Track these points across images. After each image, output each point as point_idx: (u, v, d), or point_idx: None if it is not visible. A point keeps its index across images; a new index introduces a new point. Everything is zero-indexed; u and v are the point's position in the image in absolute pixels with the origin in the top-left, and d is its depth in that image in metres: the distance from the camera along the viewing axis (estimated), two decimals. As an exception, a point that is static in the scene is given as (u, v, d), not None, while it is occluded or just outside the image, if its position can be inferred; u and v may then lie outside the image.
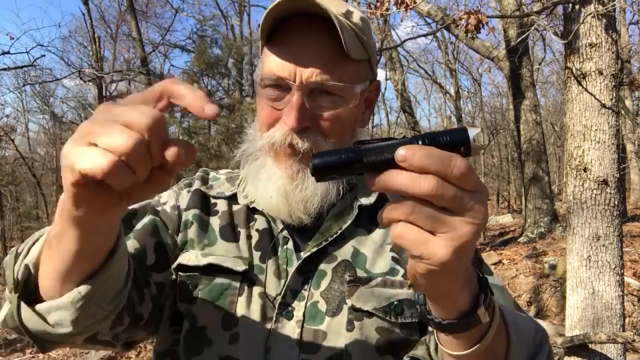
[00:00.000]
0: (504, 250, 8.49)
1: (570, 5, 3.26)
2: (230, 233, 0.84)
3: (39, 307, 0.60)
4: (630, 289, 5.47)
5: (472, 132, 0.47)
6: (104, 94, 13.16)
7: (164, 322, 0.83)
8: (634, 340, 3.15)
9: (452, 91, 19.55)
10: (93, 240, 0.54)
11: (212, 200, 0.88)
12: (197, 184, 0.90)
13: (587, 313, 3.14)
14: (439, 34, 16.17)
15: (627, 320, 4.98)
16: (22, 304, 0.60)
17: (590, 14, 3.06)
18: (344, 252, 0.81)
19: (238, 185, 0.88)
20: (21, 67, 10.71)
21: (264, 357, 0.75)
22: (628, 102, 12.35)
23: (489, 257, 7.69)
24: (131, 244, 0.79)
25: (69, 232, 0.52)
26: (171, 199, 0.88)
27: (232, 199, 0.88)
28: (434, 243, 0.44)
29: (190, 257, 0.81)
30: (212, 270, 0.80)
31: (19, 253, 0.65)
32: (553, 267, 6.59)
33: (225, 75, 13.85)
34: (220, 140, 11.65)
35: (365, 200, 0.84)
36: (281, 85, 0.75)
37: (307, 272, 0.80)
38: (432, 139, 0.46)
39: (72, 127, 19.33)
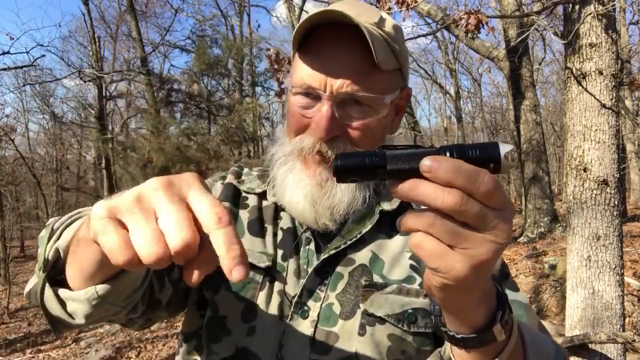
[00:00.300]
0: (504, 250, 8.48)
1: (570, 5, 3.26)
2: (257, 228, 0.86)
3: (61, 292, 0.62)
4: (630, 289, 5.47)
5: (504, 149, 0.45)
6: (104, 94, 13.15)
7: (191, 305, 0.86)
8: (634, 340, 3.15)
9: (452, 91, 19.57)
10: None
11: (243, 194, 0.90)
12: (230, 178, 0.92)
13: (587, 313, 3.14)
14: (439, 34, 16.18)
15: (627, 320, 4.98)
16: (47, 286, 0.62)
17: (590, 14, 3.06)
18: (362, 256, 0.81)
19: (268, 184, 0.90)
20: (21, 67, 10.70)
21: (277, 353, 0.76)
22: (628, 102, 12.34)
23: (489, 257, 7.68)
24: None
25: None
26: None
27: (262, 195, 0.90)
28: (452, 257, 0.44)
29: None
30: None
31: (54, 230, 0.67)
32: (553, 267, 6.59)
33: (225, 76, 13.86)
34: (219, 140, 11.66)
35: (387, 206, 0.83)
36: (311, 94, 0.76)
37: (325, 273, 0.80)
38: (460, 151, 0.45)
39: (72, 127, 19.31)
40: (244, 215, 0.87)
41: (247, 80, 14.31)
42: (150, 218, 0.42)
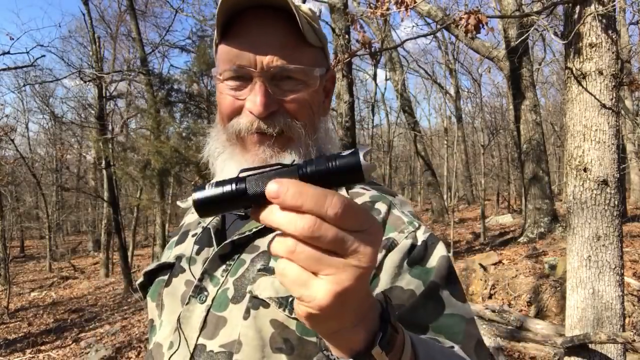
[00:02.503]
0: (504, 250, 8.49)
1: (570, 5, 3.27)
2: (182, 239, 0.92)
3: None
4: (630, 289, 5.47)
5: (362, 151, 0.41)
6: (104, 94, 13.15)
7: None
8: (634, 340, 3.15)
9: (452, 91, 19.56)
10: None
11: (187, 231, 0.96)
12: (182, 223, 1.01)
13: (587, 313, 3.14)
14: (439, 34, 16.18)
15: (627, 320, 4.98)
16: None
17: (590, 14, 3.06)
18: (267, 243, 0.79)
19: None
20: (21, 67, 10.72)
21: (171, 339, 0.77)
22: (628, 102, 12.34)
23: (489, 257, 7.69)
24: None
25: None
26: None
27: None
28: (314, 286, 0.41)
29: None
30: (154, 273, 0.89)
31: None
32: (553, 267, 6.59)
33: (225, 76, 13.83)
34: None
35: None
36: (242, 76, 0.75)
37: (231, 259, 0.80)
38: (320, 165, 0.42)
39: (72, 127, 19.30)
40: (182, 247, 0.91)
41: (247, 80, 14.31)
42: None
